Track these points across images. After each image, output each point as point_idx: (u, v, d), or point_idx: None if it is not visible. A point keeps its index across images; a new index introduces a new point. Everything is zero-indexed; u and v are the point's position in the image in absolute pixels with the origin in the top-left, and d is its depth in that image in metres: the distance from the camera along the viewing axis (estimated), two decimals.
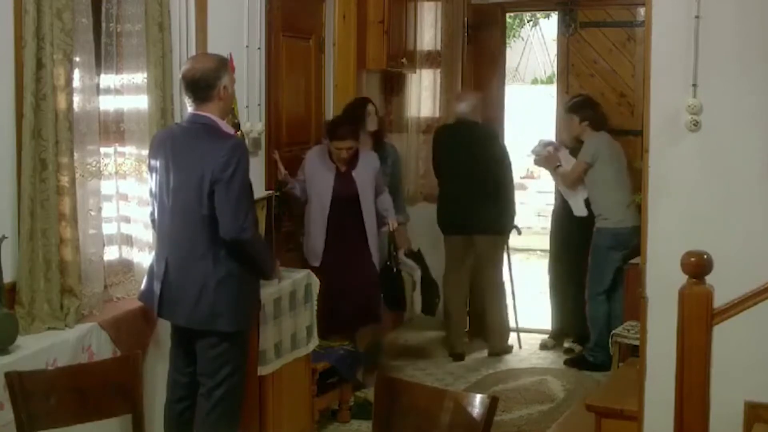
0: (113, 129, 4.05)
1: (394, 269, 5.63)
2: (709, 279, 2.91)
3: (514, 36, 12.71)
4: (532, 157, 6.59)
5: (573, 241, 6.31)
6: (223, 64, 3.72)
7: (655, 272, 3.52)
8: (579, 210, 6.17)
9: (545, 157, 6.33)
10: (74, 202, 3.60)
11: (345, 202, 5.30)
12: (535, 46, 13.44)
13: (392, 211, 5.58)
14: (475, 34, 7.04)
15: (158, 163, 3.70)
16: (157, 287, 3.70)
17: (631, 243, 5.99)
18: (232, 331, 3.68)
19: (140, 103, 4.08)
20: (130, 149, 4.09)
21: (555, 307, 6.71)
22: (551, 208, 6.91)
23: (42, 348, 3.33)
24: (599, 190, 6.06)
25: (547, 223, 6.92)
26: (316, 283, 4.82)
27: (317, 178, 5.32)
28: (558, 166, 6.26)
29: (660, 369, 3.34)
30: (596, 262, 6.08)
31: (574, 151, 6.24)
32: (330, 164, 5.34)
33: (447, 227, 6.36)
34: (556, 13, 6.96)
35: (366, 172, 5.37)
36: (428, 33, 7.04)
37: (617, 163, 6.08)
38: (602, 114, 6.32)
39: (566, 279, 6.46)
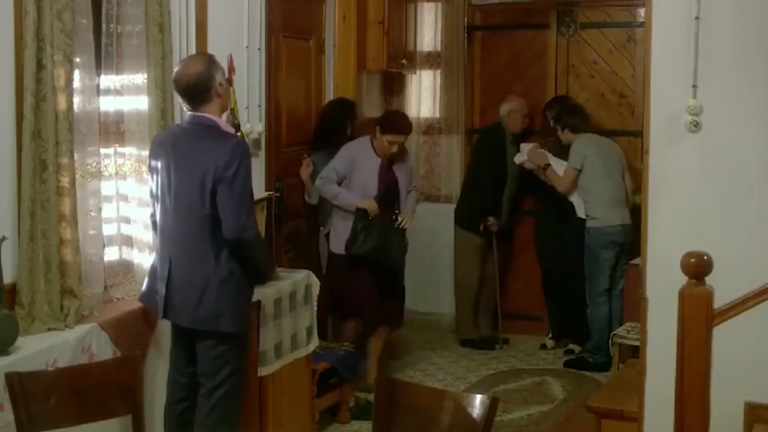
0: (113, 130, 4.06)
1: None
2: (709, 280, 2.92)
3: None
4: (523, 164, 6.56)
5: (562, 241, 6.32)
6: (213, 62, 3.71)
7: (655, 273, 3.52)
8: (581, 211, 6.18)
9: (532, 155, 6.33)
10: (74, 202, 3.60)
11: (387, 193, 5.35)
12: None
13: (409, 206, 5.57)
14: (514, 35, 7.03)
15: (159, 164, 3.70)
16: (161, 289, 3.69)
17: (622, 241, 6.02)
18: (233, 331, 3.67)
19: (140, 103, 4.08)
20: (130, 150, 4.09)
21: (554, 308, 6.70)
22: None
23: (42, 349, 3.33)
24: (588, 191, 6.08)
25: None
26: (316, 283, 4.82)
27: (365, 170, 5.33)
28: (548, 165, 6.25)
29: (660, 370, 3.34)
30: (591, 264, 6.10)
31: (557, 153, 6.29)
32: (375, 157, 5.37)
33: None
34: (557, 13, 6.95)
35: (404, 167, 5.49)
36: (428, 34, 7.05)
37: (606, 163, 6.09)
38: (583, 116, 6.32)
39: (562, 279, 6.46)
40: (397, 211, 5.37)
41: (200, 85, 3.61)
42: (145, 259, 4.10)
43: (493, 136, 6.57)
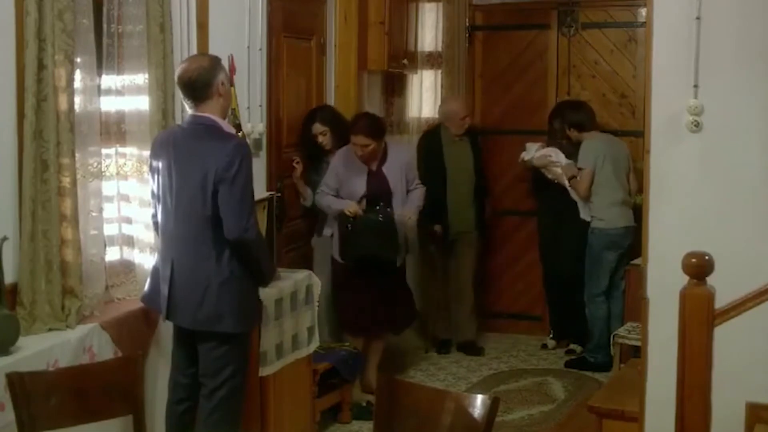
0: (114, 130, 4.06)
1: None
2: (710, 280, 2.91)
3: None
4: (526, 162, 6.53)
5: (564, 241, 6.32)
6: (218, 62, 3.73)
7: (656, 273, 3.52)
8: (585, 213, 6.17)
9: (564, 169, 6.26)
10: (75, 203, 3.61)
11: (379, 199, 5.27)
12: None
13: (412, 204, 5.48)
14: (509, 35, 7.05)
15: (160, 165, 3.70)
16: (164, 290, 3.69)
17: (625, 243, 6.02)
18: (235, 332, 3.68)
19: (141, 104, 4.09)
20: (131, 150, 4.10)
21: (556, 309, 6.70)
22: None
23: (43, 349, 3.33)
24: (594, 192, 6.08)
25: None
26: (317, 283, 4.82)
27: (350, 180, 5.26)
28: (573, 177, 6.21)
29: (661, 370, 3.34)
30: (591, 264, 6.09)
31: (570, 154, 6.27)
32: (360, 165, 5.30)
33: None
34: (558, 13, 6.95)
35: (396, 167, 5.36)
36: (429, 34, 7.04)
37: (615, 164, 6.09)
38: (586, 111, 6.31)
39: (563, 280, 6.45)
40: (388, 209, 5.26)
41: (201, 81, 3.61)
42: (146, 260, 4.10)
43: (425, 140, 6.55)
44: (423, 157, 6.47)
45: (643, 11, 5.88)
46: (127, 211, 4.13)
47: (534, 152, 6.38)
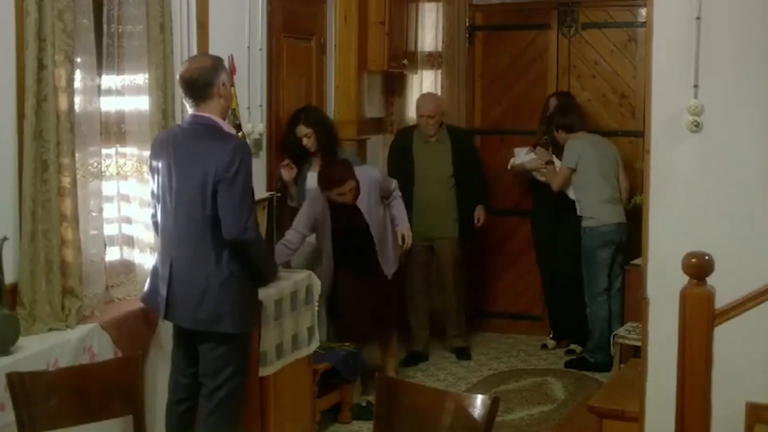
0: (114, 130, 4.07)
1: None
2: (710, 280, 2.92)
3: None
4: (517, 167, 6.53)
5: (560, 241, 6.32)
6: (220, 62, 3.73)
7: (656, 273, 3.52)
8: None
9: (539, 153, 6.30)
10: (75, 203, 3.61)
11: (355, 232, 5.20)
12: None
13: (403, 219, 5.45)
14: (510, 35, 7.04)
15: (160, 165, 3.70)
16: (163, 290, 3.69)
17: (617, 239, 6.02)
18: (234, 332, 3.68)
19: (141, 104, 4.09)
20: (131, 150, 4.10)
21: (555, 309, 6.70)
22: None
23: (43, 349, 3.34)
24: (583, 190, 6.08)
25: None
26: (317, 284, 4.82)
27: (324, 229, 5.19)
28: (550, 162, 6.24)
29: (661, 370, 3.34)
30: (588, 263, 6.09)
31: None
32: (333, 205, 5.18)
33: None
34: (558, 14, 6.95)
35: (370, 194, 5.22)
36: (429, 34, 7.04)
37: (601, 163, 6.08)
38: (576, 114, 6.30)
39: (561, 280, 6.45)
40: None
41: (203, 80, 3.61)
42: (146, 260, 4.10)
43: (396, 139, 6.47)
44: (392, 158, 6.37)
45: (643, 11, 5.88)
46: (127, 211, 4.13)
47: (524, 156, 6.39)
